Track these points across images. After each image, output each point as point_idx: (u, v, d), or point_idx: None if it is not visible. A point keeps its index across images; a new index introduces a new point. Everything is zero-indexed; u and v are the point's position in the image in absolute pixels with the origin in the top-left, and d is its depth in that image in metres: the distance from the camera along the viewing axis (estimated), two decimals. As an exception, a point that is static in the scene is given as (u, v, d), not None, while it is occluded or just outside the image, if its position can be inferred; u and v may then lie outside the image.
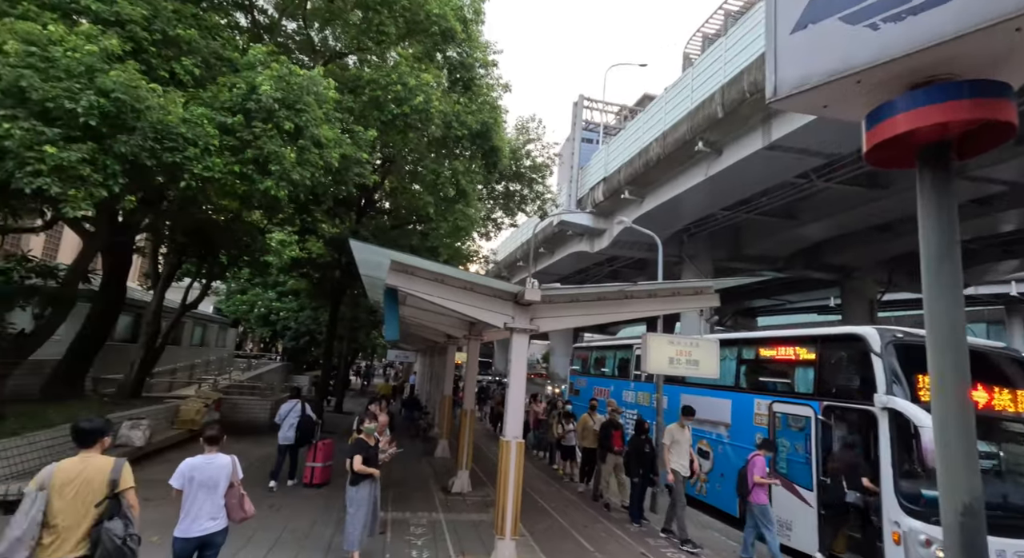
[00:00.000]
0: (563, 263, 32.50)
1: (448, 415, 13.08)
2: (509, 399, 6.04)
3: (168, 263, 13.69)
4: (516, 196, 15.74)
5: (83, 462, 3.46)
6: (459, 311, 6.38)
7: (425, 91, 8.35)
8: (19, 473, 7.04)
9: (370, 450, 5.51)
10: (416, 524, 7.27)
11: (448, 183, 10.11)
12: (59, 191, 4.86)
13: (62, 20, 5.45)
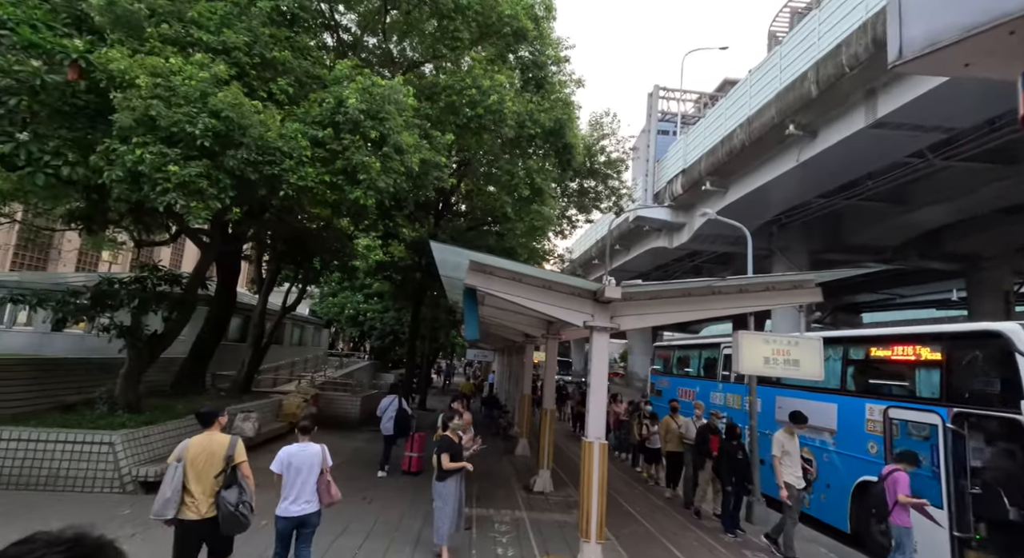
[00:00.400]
0: (640, 260, 31.52)
1: (528, 414, 13.13)
2: (590, 399, 5.92)
3: (270, 269, 14.95)
4: (591, 193, 15.48)
5: (207, 438, 4.23)
6: (537, 310, 6.35)
7: (498, 91, 8.45)
8: (154, 458, 8.00)
9: (456, 447, 5.63)
10: (500, 521, 7.35)
11: (522, 183, 10.14)
12: (183, 204, 5.50)
13: (180, 53, 6.15)
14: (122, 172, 5.41)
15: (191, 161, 5.64)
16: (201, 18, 6.46)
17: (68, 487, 7.12)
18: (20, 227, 15.16)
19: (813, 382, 8.23)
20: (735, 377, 10.97)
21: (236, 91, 5.91)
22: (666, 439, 9.85)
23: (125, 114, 5.43)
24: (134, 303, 8.69)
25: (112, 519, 6.25)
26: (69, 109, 5.91)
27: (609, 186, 15.43)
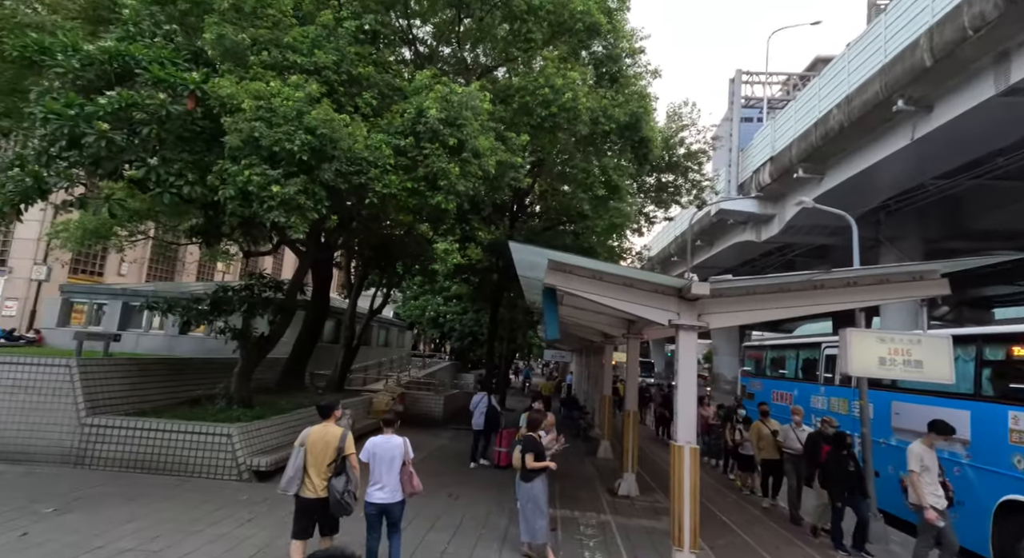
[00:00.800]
0: (724, 255, 29.82)
1: (609, 416, 12.86)
2: (679, 401, 5.64)
3: (358, 275, 15.88)
4: (670, 187, 14.86)
5: (324, 429, 4.75)
6: (619, 309, 6.18)
7: (572, 89, 8.36)
8: (265, 449, 8.75)
9: (539, 446, 5.61)
10: (585, 524, 7.23)
11: (598, 181, 9.95)
12: (284, 221, 6.01)
13: (279, 76, 6.71)
14: (234, 190, 6.03)
15: (291, 178, 6.15)
16: (295, 42, 7.02)
17: (196, 473, 7.98)
18: (152, 242, 17.28)
19: (937, 386, 7.29)
20: (840, 379, 10.01)
21: (327, 108, 6.35)
22: (759, 446, 9.18)
23: (234, 136, 6.03)
24: (244, 308, 9.58)
25: (231, 503, 6.91)
26: (189, 135, 6.67)
27: (690, 179, 14.73)
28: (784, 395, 12.45)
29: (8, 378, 8.26)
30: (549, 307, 6.34)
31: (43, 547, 5.09)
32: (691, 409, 5.63)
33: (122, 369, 9.26)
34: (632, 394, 9.52)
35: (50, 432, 8.11)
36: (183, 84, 6.31)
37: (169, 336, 15.59)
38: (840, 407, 9.95)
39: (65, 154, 5.97)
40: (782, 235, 22.04)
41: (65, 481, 7.30)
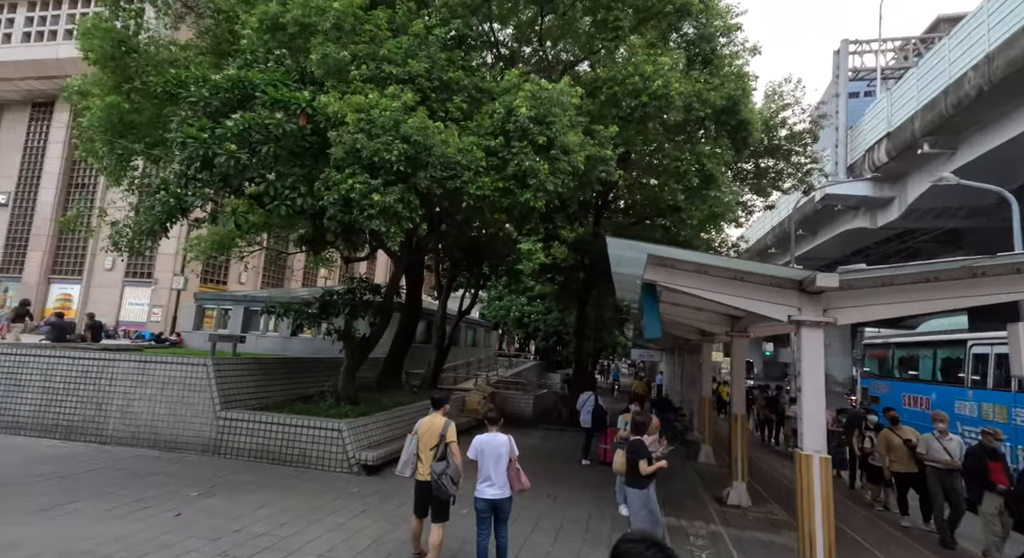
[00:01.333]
0: (829, 245, 27.19)
1: (709, 418, 12.13)
2: (804, 405, 5.12)
3: (447, 277, 16.35)
4: (770, 173, 13.73)
5: (433, 419, 5.19)
6: (727, 304, 5.75)
7: (663, 75, 7.96)
8: (371, 444, 9.23)
9: (648, 450, 5.35)
10: (695, 534, 6.82)
11: (691, 170, 9.40)
12: (384, 229, 6.32)
13: (376, 88, 7.05)
14: (337, 196, 6.42)
15: (389, 187, 6.44)
16: (390, 54, 7.34)
17: (312, 465, 8.60)
18: (265, 252, 19.01)
19: None
20: (994, 382, 8.64)
21: (422, 115, 6.57)
22: (890, 457, 8.14)
23: (338, 148, 6.42)
24: (347, 310, 10.20)
25: (345, 495, 7.34)
26: (300, 150, 7.21)
27: (793, 163, 13.51)
28: (917, 399, 11.01)
29: (161, 375, 9.43)
30: (649, 305, 6.05)
31: (192, 528, 5.70)
32: (818, 415, 5.09)
33: (248, 368, 10.22)
34: (739, 396, 8.87)
35: (193, 424, 9.14)
36: (295, 103, 6.83)
37: (283, 337, 17.04)
38: (996, 415, 8.57)
39: (199, 175, 6.69)
40: (903, 220, 19.66)
41: (206, 468, 8.17)
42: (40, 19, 27.98)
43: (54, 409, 9.66)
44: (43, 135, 29.60)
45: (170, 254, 25.07)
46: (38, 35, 27.80)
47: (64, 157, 28.54)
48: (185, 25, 9.54)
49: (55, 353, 10.16)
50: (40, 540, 5.13)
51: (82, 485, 6.92)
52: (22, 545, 4.98)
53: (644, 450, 5.33)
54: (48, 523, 5.56)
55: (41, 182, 28.88)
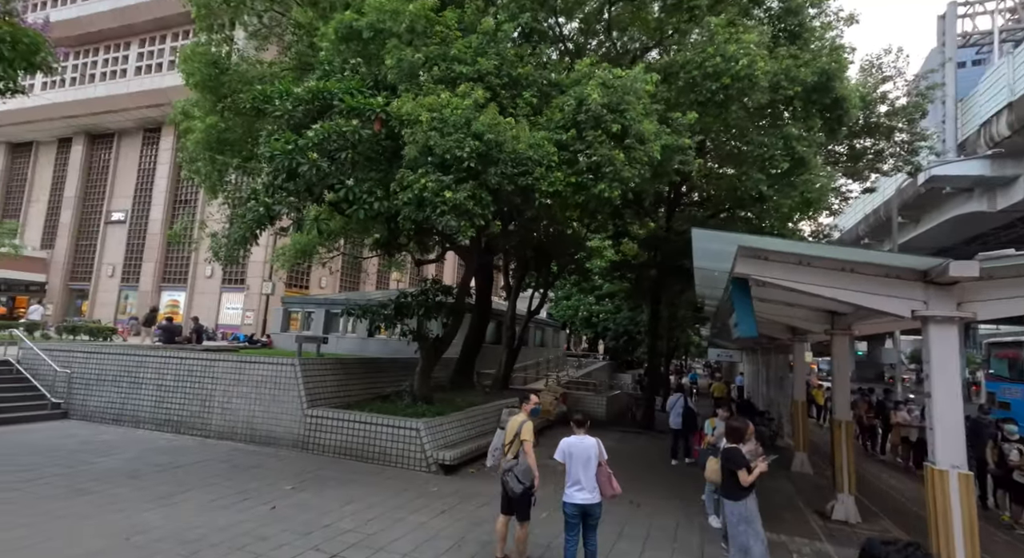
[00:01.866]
0: (935, 233, 24.43)
1: (803, 424, 11.17)
2: (937, 413, 4.46)
3: (516, 277, 16.31)
4: (868, 153, 12.44)
5: (518, 416, 5.32)
6: (835, 298, 5.17)
7: (748, 53, 7.37)
8: (448, 444, 9.31)
9: (747, 460, 4.91)
10: (798, 552, 6.22)
11: (779, 155, 8.66)
12: (456, 225, 6.32)
13: (448, 88, 7.09)
14: (411, 196, 6.51)
15: (461, 184, 6.44)
16: (460, 54, 7.37)
17: (392, 463, 8.80)
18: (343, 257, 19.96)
19: None
20: None
21: (493, 112, 6.52)
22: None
23: (411, 148, 6.51)
24: (421, 311, 10.39)
25: (425, 494, 7.42)
26: (375, 155, 7.41)
27: (895, 141, 12.15)
28: (1062, 407, 9.48)
29: (255, 374, 10.08)
30: (741, 301, 5.57)
31: (287, 522, 5.96)
32: (955, 423, 4.42)
33: (330, 368, 10.69)
34: (843, 401, 8.03)
35: (283, 420, 9.67)
36: (370, 109, 7.02)
37: (361, 339, 17.80)
38: None
39: (285, 184, 7.05)
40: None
41: (296, 463, 8.59)
42: (148, 53, 31.25)
43: (166, 405, 10.61)
44: (152, 158, 33.03)
45: (259, 262, 27.06)
46: (147, 68, 31.04)
47: (170, 177, 31.67)
48: (271, 44, 10.16)
49: (166, 354, 11.18)
50: (160, 526, 5.57)
51: (192, 476, 7.49)
52: (147, 530, 5.45)
53: (742, 459, 4.89)
54: (166, 510, 6.04)
55: (152, 200, 32.22)
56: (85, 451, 8.54)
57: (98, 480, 7.01)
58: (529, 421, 5.19)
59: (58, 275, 33.60)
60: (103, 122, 33.28)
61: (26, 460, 7.79)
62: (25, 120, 33.75)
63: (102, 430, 10.31)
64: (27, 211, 36.00)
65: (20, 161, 37.46)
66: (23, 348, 12.27)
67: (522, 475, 4.97)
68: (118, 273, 32.71)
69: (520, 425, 5.11)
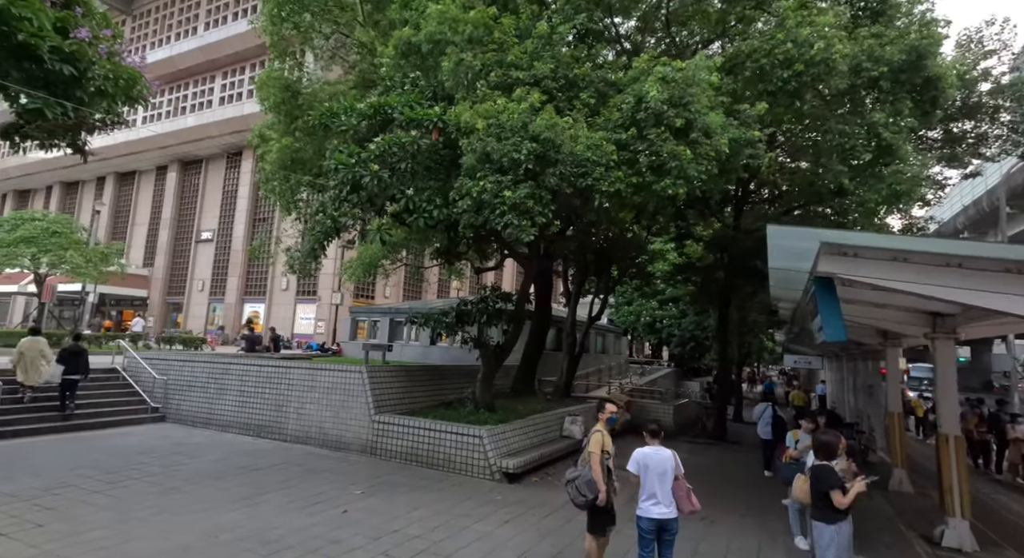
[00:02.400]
0: (1057, 223, 21.56)
1: (900, 437, 10.10)
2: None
3: (575, 282, 16.06)
4: (968, 137, 11.18)
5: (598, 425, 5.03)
6: (941, 298, 4.61)
7: (824, 36, 6.82)
8: (511, 452, 9.22)
9: (839, 479, 4.44)
10: (903, 582, 5.57)
11: (861, 144, 7.93)
12: (516, 223, 6.24)
13: (504, 93, 7.11)
14: (470, 201, 6.53)
15: (519, 185, 6.38)
16: (516, 59, 7.36)
17: (456, 470, 8.83)
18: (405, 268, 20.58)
19: None
20: None
21: (550, 112, 6.44)
22: None
23: (469, 156, 6.55)
24: (483, 318, 10.43)
25: (489, 502, 7.36)
26: (433, 165, 7.55)
27: (1000, 122, 10.84)
28: None
29: (326, 381, 10.51)
30: (827, 302, 5.10)
31: (358, 526, 6.09)
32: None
33: (395, 374, 10.95)
34: (950, 413, 7.14)
35: (352, 426, 9.99)
36: (428, 119, 7.17)
37: (423, 346, 18.20)
38: None
39: (349, 196, 7.33)
40: None
41: (366, 468, 8.83)
42: (230, 84, 34.02)
43: (248, 410, 11.28)
44: (235, 180, 35.80)
45: (330, 274, 28.51)
46: (229, 98, 33.78)
47: (250, 197, 34.18)
48: (336, 64, 10.70)
49: (247, 362, 11.92)
50: (240, 526, 5.87)
51: (270, 478, 7.87)
52: (232, 529, 5.76)
53: (836, 479, 4.42)
54: (247, 511, 6.36)
55: (235, 219, 34.87)
56: (178, 453, 9.22)
57: (188, 480, 7.52)
58: (599, 432, 4.94)
59: (157, 290, 37.04)
60: (193, 150, 36.52)
61: (134, 459, 8.53)
62: (129, 152, 37.69)
63: (194, 433, 11.12)
64: (132, 233, 40.08)
65: (126, 188, 41.85)
66: (127, 357, 13.52)
67: (585, 487, 4.78)
68: (207, 287, 35.58)
69: (589, 434, 4.95)
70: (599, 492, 4.82)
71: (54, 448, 9.09)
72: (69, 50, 6.04)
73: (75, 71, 6.10)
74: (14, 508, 6.07)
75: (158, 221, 38.56)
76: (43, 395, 10.66)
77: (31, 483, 7.02)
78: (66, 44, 6.03)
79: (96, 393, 12.10)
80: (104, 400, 11.93)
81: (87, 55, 6.27)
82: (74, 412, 10.68)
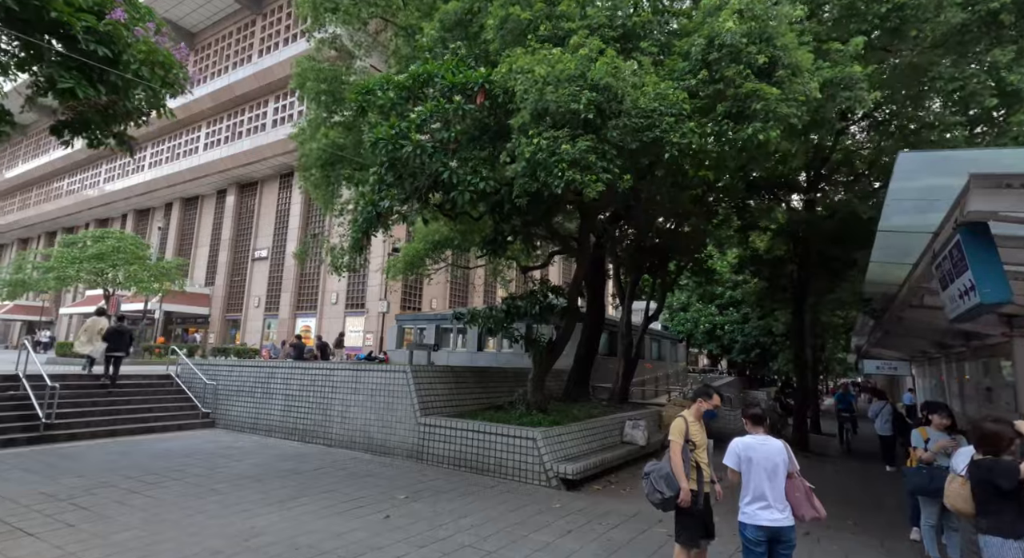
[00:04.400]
0: None
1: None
2: None
3: (629, 280, 15.00)
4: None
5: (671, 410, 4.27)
6: None
7: (935, -46, 5.75)
8: (569, 456, 8.30)
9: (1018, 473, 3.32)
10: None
11: (981, 88, 6.64)
12: (578, 179, 5.46)
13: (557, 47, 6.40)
14: (523, 164, 5.79)
15: (578, 139, 5.60)
16: (567, 9, 6.68)
17: (508, 476, 8.00)
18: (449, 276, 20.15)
19: None
20: None
21: (611, 55, 5.67)
22: None
23: (523, 112, 5.85)
24: (535, 310, 9.65)
25: (547, 510, 6.47)
26: (478, 133, 6.94)
27: None
28: None
29: (370, 383, 10.01)
30: (979, 253, 4.00)
31: (401, 531, 5.38)
32: None
33: (441, 376, 10.32)
34: None
35: (397, 430, 9.39)
36: (472, 82, 6.58)
37: (470, 352, 17.59)
38: None
39: (388, 176, 6.81)
40: None
41: (411, 472, 8.15)
42: (282, 107, 35.41)
43: (293, 414, 10.94)
44: (287, 200, 37.02)
45: (376, 285, 28.62)
46: (281, 120, 35.13)
47: (301, 214, 35.18)
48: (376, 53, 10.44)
49: (291, 365, 11.66)
50: (274, 530, 5.29)
51: (311, 482, 7.33)
52: (262, 533, 5.20)
53: (1014, 472, 3.32)
54: (282, 514, 5.79)
55: (287, 236, 35.95)
56: (222, 456, 8.90)
57: (228, 482, 7.09)
58: (683, 418, 4.09)
59: (218, 308, 38.56)
60: (249, 172, 38.17)
61: (177, 461, 8.26)
62: (193, 177, 39.89)
63: (240, 438, 10.87)
64: (195, 254, 42.17)
65: (190, 213, 44.26)
66: (180, 364, 13.65)
67: (663, 481, 3.96)
68: (262, 303, 36.67)
69: (669, 426, 4.16)
70: (680, 488, 3.91)
71: (102, 450, 8.98)
72: (104, 30, 5.89)
73: (109, 53, 5.94)
74: (50, 508, 5.79)
75: (218, 242, 40.35)
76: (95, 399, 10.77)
77: (72, 483, 6.79)
78: (101, 24, 5.89)
79: (151, 398, 12.18)
80: (157, 406, 11.96)
81: (123, 37, 6.09)
82: (115, 387, 11.69)
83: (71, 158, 48.54)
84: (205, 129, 39.73)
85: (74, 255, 18.92)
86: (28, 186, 55.55)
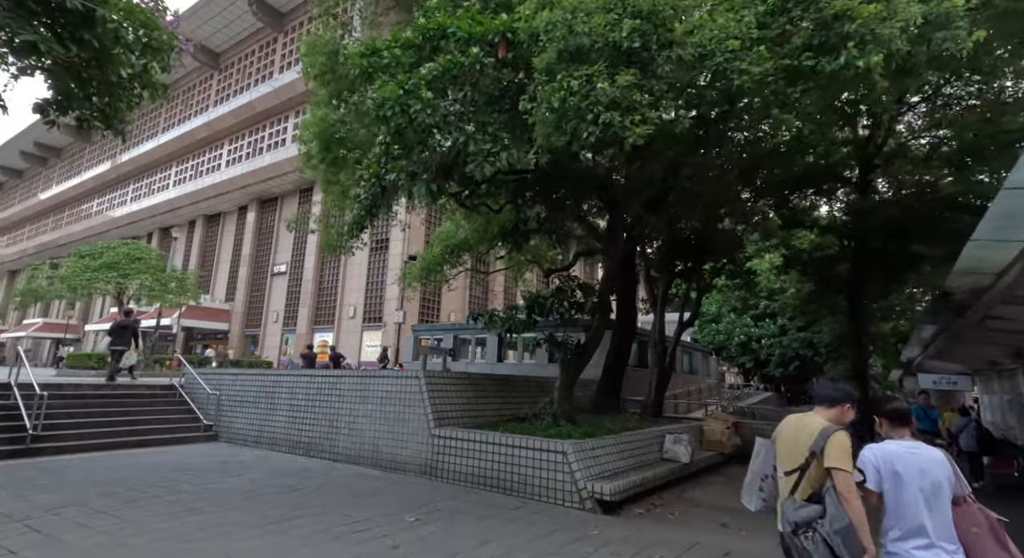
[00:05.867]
0: None
1: None
2: None
3: (663, 283, 13.85)
4: None
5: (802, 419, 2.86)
6: None
7: None
8: (604, 474, 7.15)
9: None
10: None
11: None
12: (619, 121, 4.45)
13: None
14: (547, 111, 4.80)
15: (618, 76, 4.63)
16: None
17: (535, 496, 6.89)
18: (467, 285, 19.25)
19: None
20: None
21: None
22: None
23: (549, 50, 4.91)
24: (561, 307, 8.62)
25: (582, 538, 5.36)
26: (498, 93, 6.08)
27: None
28: None
29: (379, 391, 9.05)
30: None
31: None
32: None
33: (458, 383, 9.33)
34: None
35: (409, 443, 8.38)
36: (491, 32, 5.73)
37: (490, 363, 16.53)
38: None
39: (394, 146, 5.97)
40: None
41: (422, 491, 7.13)
42: (300, 123, 35.66)
43: (298, 426, 10.03)
44: (306, 214, 36.99)
45: (393, 298, 27.93)
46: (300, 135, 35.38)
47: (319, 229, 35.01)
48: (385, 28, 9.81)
49: (297, 373, 10.84)
50: (254, 556, 4.32)
51: (310, 500, 6.38)
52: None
53: None
54: (268, 539, 4.83)
55: (306, 251, 35.73)
56: (216, 470, 8.02)
57: (215, 501, 6.17)
58: (840, 430, 2.60)
59: (237, 323, 38.36)
60: (269, 188, 38.32)
61: (167, 476, 7.40)
62: (216, 194, 40.27)
63: (242, 452, 10.00)
64: (216, 270, 42.33)
65: (212, 229, 44.66)
66: (185, 374, 12.95)
67: (840, 542, 2.40)
68: (280, 319, 36.32)
69: (820, 435, 2.58)
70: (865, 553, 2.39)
71: (88, 464, 8.19)
72: (73, -26, 5.25)
73: (79, 5, 5.30)
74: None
75: (239, 258, 40.42)
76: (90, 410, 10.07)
77: (40, 501, 5.95)
78: (72, -28, 5.25)
79: (150, 409, 11.45)
80: (157, 417, 11.20)
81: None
82: (117, 379, 11.75)
83: (101, 178, 49.80)
84: (227, 146, 40.22)
85: (86, 264, 18.64)
86: (61, 207, 57.15)
